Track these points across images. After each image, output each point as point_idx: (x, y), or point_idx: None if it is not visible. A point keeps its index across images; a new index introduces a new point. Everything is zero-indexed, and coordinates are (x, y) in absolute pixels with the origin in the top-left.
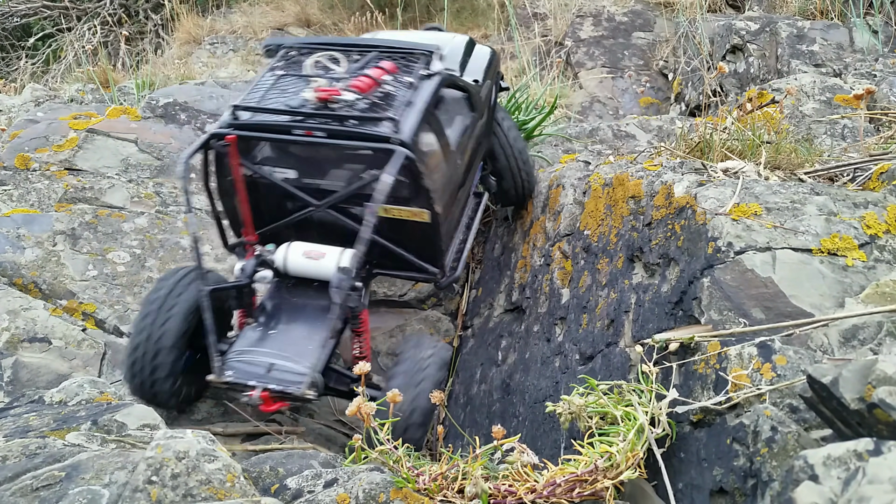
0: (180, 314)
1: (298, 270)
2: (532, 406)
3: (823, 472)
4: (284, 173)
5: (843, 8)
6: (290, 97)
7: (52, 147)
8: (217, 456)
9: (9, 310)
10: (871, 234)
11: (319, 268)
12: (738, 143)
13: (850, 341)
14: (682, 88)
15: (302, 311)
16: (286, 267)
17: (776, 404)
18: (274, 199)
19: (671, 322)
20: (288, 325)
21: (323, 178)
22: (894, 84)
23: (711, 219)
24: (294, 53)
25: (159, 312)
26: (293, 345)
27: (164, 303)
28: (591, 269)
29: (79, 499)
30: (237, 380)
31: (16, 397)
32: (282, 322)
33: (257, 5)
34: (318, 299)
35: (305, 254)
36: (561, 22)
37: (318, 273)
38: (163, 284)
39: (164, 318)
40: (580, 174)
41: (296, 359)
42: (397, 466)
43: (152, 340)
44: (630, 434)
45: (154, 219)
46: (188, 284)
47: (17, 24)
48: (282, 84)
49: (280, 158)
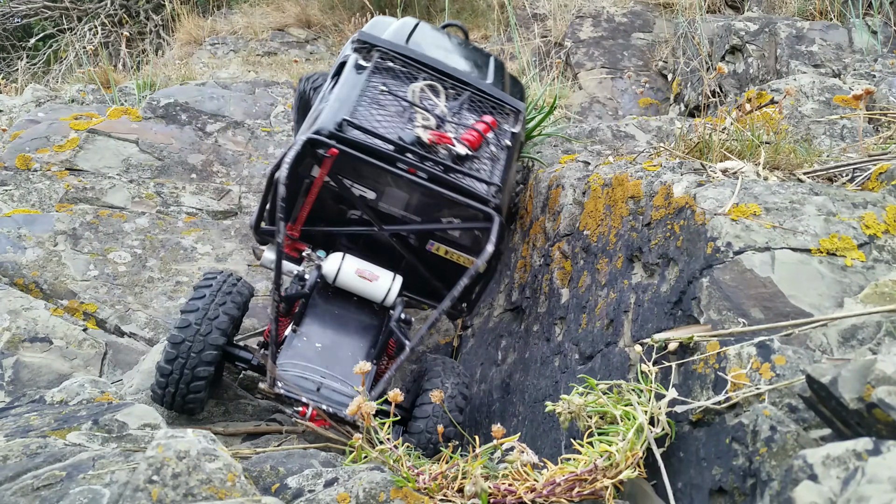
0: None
1: (347, 285)
2: (531, 405)
3: (822, 471)
4: (364, 192)
5: (842, 8)
6: (400, 127)
7: (53, 147)
8: (218, 455)
9: (10, 310)
10: (870, 234)
11: (370, 289)
12: (737, 143)
13: (849, 341)
14: (682, 89)
15: (346, 327)
16: (336, 279)
17: (775, 404)
18: (333, 204)
19: (670, 322)
20: (334, 341)
21: (399, 207)
22: (893, 84)
23: (710, 219)
24: (390, 64)
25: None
26: (340, 364)
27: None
28: (591, 269)
29: (79, 498)
30: (290, 394)
31: (17, 397)
32: (327, 337)
33: (258, 6)
34: (360, 314)
35: (359, 272)
36: (560, 23)
37: (365, 293)
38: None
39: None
40: (580, 174)
41: (344, 381)
42: (397, 466)
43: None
44: (629, 433)
45: (155, 219)
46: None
47: (17, 25)
48: (385, 102)
49: (363, 177)
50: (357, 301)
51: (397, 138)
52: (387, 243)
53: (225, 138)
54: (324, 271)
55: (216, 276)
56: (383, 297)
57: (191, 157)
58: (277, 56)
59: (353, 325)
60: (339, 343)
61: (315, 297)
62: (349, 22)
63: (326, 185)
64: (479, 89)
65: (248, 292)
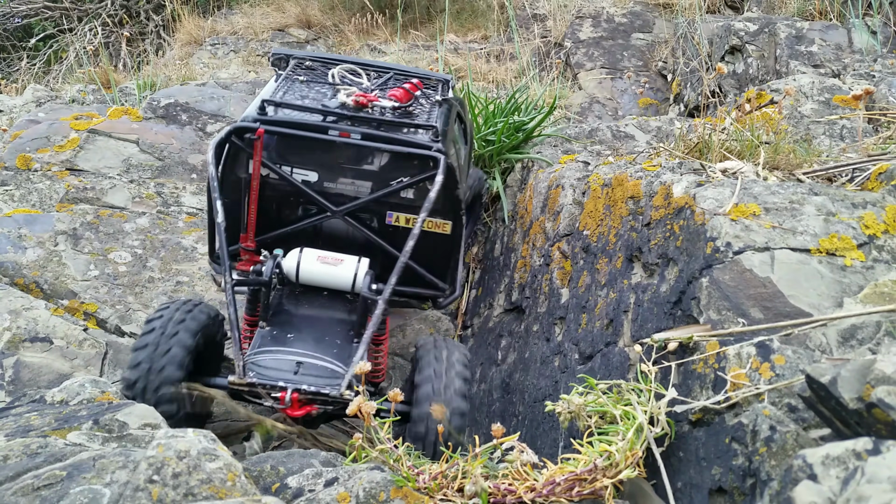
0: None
1: (311, 277)
2: (531, 405)
3: (822, 471)
4: (305, 175)
5: (841, 9)
6: (321, 99)
7: (54, 147)
8: (218, 455)
9: (10, 309)
10: (869, 235)
11: (336, 274)
12: (736, 143)
13: (849, 341)
14: (681, 89)
15: (317, 320)
16: (298, 273)
17: (775, 404)
18: (281, 203)
19: (670, 322)
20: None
21: (345, 183)
22: (893, 85)
23: (710, 219)
24: (308, 64)
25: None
26: (320, 345)
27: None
28: (591, 269)
29: (80, 498)
30: (263, 380)
31: (17, 397)
32: (298, 328)
33: (258, 6)
34: (331, 310)
35: (321, 259)
36: (560, 23)
37: (333, 280)
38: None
39: (160, 365)
40: (579, 174)
41: (327, 358)
42: (397, 465)
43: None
44: (629, 433)
45: (155, 219)
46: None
47: (18, 25)
48: (304, 89)
49: (300, 160)
50: (327, 296)
51: (321, 107)
52: (347, 234)
53: None
54: (285, 270)
55: (168, 306)
56: (352, 283)
57: (191, 158)
58: None
59: (326, 319)
60: (313, 331)
61: (282, 300)
62: (349, 22)
63: (267, 183)
64: (402, 70)
65: (209, 316)
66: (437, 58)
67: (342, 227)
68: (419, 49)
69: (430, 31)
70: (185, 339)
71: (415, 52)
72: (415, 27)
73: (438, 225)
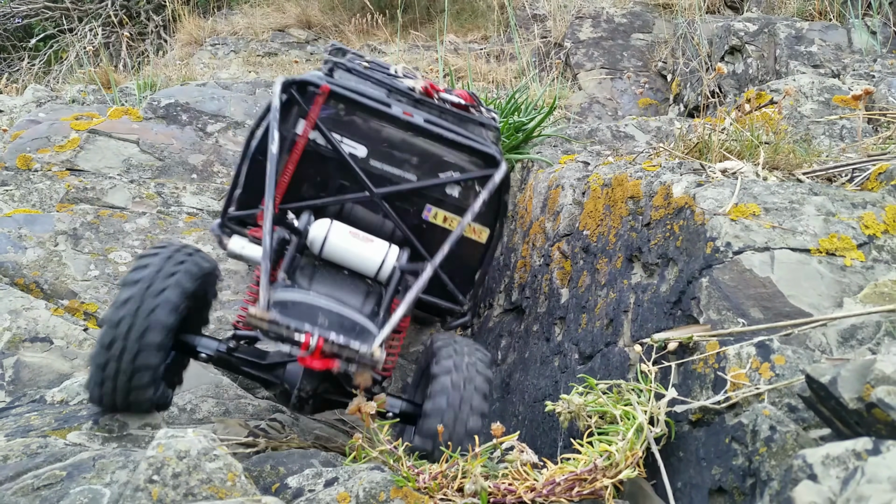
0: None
1: (336, 251)
2: (531, 405)
3: (822, 471)
4: (353, 149)
5: (841, 9)
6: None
7: (54, 147)
8: (218, 455)
9: (10, 310)
10: (869, 235)
11: (364, 254)
12: (736, 143)
13: (849, 341)
14: (681, 89)
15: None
16: (324, 244)
17: (775, 404)
18: (317, 173)
19: (670, 322)
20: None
21: (392, 164)
22: (892, 85)
23: (710, 219)
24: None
25: (144, 298)
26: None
27: (151, 285)
28: (591, 269)
29: (80, 498)
30: (286, 321)
31: (17, 397)
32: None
33: (258, 7)
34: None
35: (352, 233)
36: (560, 23)
37: (359, 258)
38: (147, 261)
39: (151, 305)
40: (579, 175)
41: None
42: (397, 465)
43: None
44: (629, 433)
45: (156, 219)
46: (180, 262)
47: (18, 25)
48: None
49: (352, 132)
50: (349, 275)
51: (389, 83)
52: (373, 223)
53: (226, 139)
54: (310, 238)
55: (165, 245)
56: (378, 266)
57: (191, 158)
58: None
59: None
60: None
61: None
62: (349, 22)
63: (309, 148)
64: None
65: (210, 266)
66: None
67: (369, 216)
68: (419, 49)
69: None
70: (184, 280)
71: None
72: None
73: (476, 231)
